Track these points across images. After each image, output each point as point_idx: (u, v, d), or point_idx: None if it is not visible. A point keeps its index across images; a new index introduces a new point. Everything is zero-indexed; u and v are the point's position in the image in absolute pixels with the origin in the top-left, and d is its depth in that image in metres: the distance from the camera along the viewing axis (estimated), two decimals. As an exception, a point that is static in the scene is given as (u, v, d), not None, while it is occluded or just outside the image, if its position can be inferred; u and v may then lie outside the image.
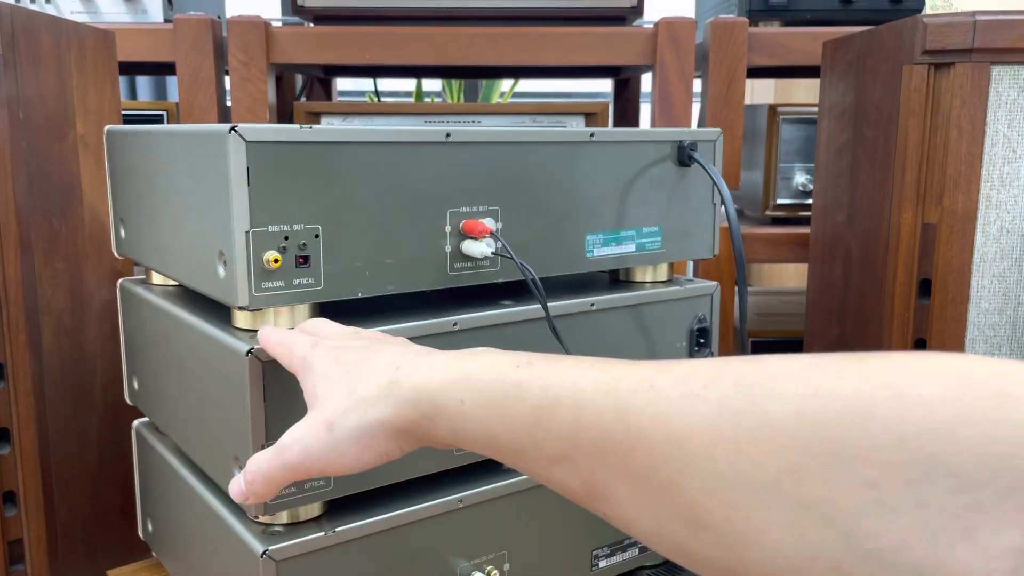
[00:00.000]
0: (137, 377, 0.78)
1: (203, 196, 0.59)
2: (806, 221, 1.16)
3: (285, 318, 0.59)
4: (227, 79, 1.11)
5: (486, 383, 0.40)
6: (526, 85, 2.27)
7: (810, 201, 1.14)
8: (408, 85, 2.20)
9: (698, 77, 1.14)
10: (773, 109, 1.15)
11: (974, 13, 0.74)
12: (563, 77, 1.98)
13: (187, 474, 0.70)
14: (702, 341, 0.76)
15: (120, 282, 0.79)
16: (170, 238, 0.67)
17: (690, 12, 1.48)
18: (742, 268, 0.68)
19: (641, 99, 1.53)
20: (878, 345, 0.82)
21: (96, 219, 0.85)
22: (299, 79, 1.47)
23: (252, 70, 1.06)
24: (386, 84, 2.26)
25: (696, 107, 1.15)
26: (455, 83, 2.01)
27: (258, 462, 0.47)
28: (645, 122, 1.56)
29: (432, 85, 2.18)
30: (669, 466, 0.31)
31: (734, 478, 0.29)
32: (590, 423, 0.35)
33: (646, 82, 1.49)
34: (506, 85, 2.12)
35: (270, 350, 0.54)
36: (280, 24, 1.10)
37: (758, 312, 1.29)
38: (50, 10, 1.12)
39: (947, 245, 0.76)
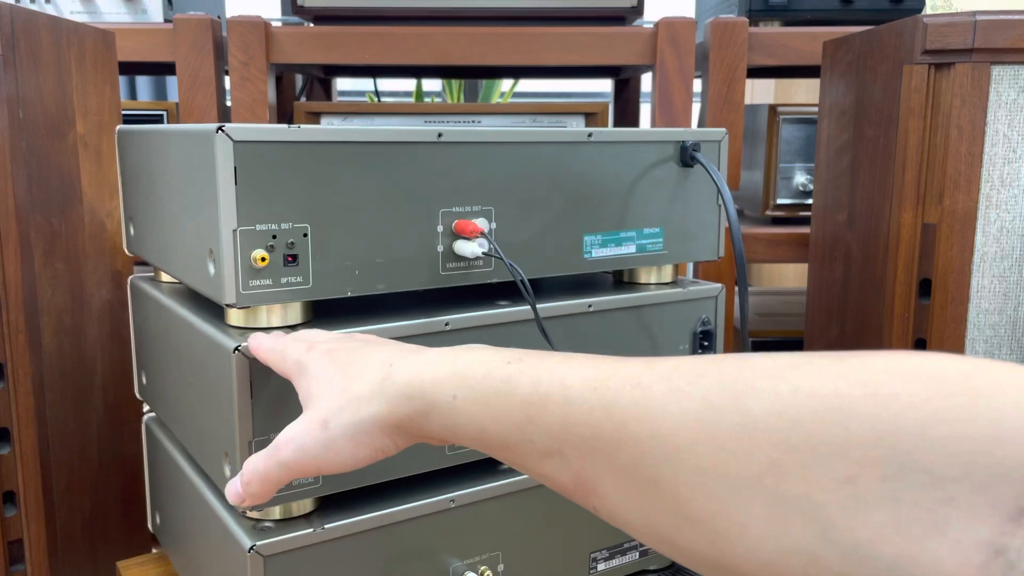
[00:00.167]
0: (145, 372, 0.79)
1: (195, 195, 0.60)
2: (806, 221, 1.16)
3: (277, 316, 0.59)
4: (227, 79, 1.11)
5: (477, 379, 0.40)
6: (526, 85, 2.27)
7: (810, 201, 1.14)
8: (408, 85, 2.20)
9: (698, 77, 1.14)
10: (773, 109, 1.15)
11: (974, 13, 0.74)
12: (563, 77, 1.98)
13: (187, 468, 0.70)
14: (705, 344, 0.76)
15: (130, 279, 0.81)
16: (170, 236, 0.67)
17: (690, 12, 1.48)
18: (742, 269, 0.68)
19: (641, 99, 1.53)
20: (878, 345, 0.82)
21: (96, 219, 0.85)
22: (299, 79, 1.47)
23: (252, 70, 1.06)
24: (386, 84, 2.26)
25: (696, 107, 1.15)
26: (455, 83, 2.01)
27: (254, 463, 0.47)
28: (645, 122, 1.56)
29: (432, 85, 2.18)
30: (654, 460, 0.32)
31: (717, 473, 0.30)
32: (579, 419, 0.35)
33: (646, 82, 1.49)
34: (506, 85, 2.12)
35: (262, 356, 0.54)
36: (280, 24, 1.10)
37: (758, 312, 1.29)
38: (50, 10, 1.12)
39: (947, 245, 0.76)
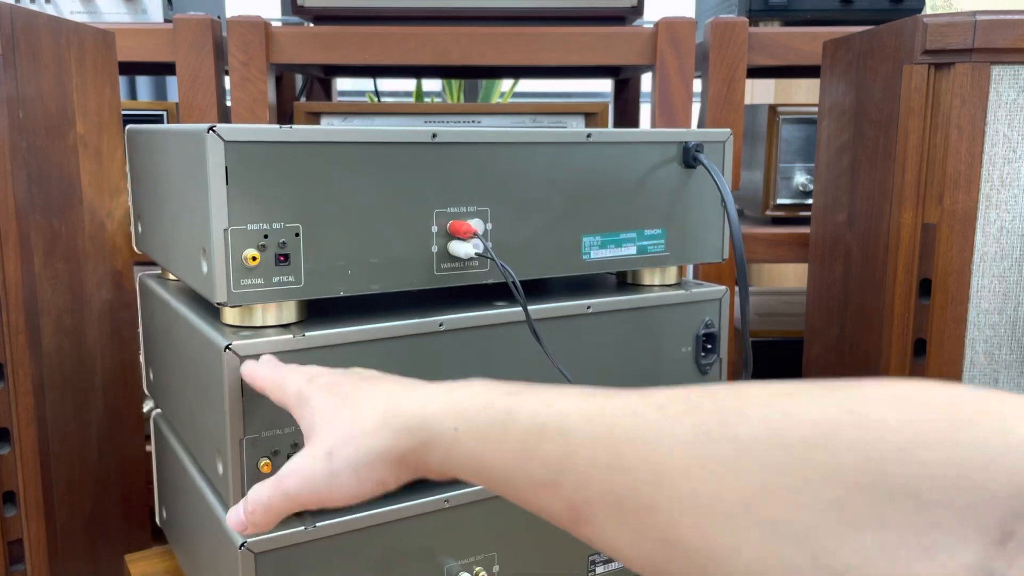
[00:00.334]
0: (152, 369, 0.80)
1: (189, 194, 0.60)
2: (806, 221, 1.16)
3: (272, 315, 0.59)
4: (227, 79, 1.11)
5: (477, 410, 0.41)
6: (526, 85, 2.27)
7: (810, 201, 1.14)
8: (408, 85, 2.20)
9: (698, 77, 1.14)
10: (773, 109, 1.15)
11: (974, 13, 0.74)
12: (563, 77, 1.98)
13: (188, 464, 0.70)
14: (709, 347, 0.75)
15: (139, 276, 0.81)
16: (170, 234, 0.68)
17: (690, 12, 1.48)
18: (743, 270, 0.68)
19: (641, 99, 1.53)
20: (878, 345, 0.82)
21: (96, 219, 0.85)
22: (299, 79, 1.47)
23: (252, 70, 1.06)
24: (386, 84, 2.26)
25: (696, 107, 1.15)
26: (455, 83, 2.01)
27: (258, 492, 0.48)
28: (645, 122, 1.56)
29: (432, 85, 2.18)
30: (648, 487, 0.32)
31: (709, 499, 0.30)
32: (575, 449, 0.36)
33: (646, 82, 1.49)
34: (506, 85, 2.12)
35: (258, 385, 0.54)
36: (280, 24, 1.10)
37: (758, 312, 1.29)
38: (50, 10, 1.12)
39: (947, 245, 0.76)
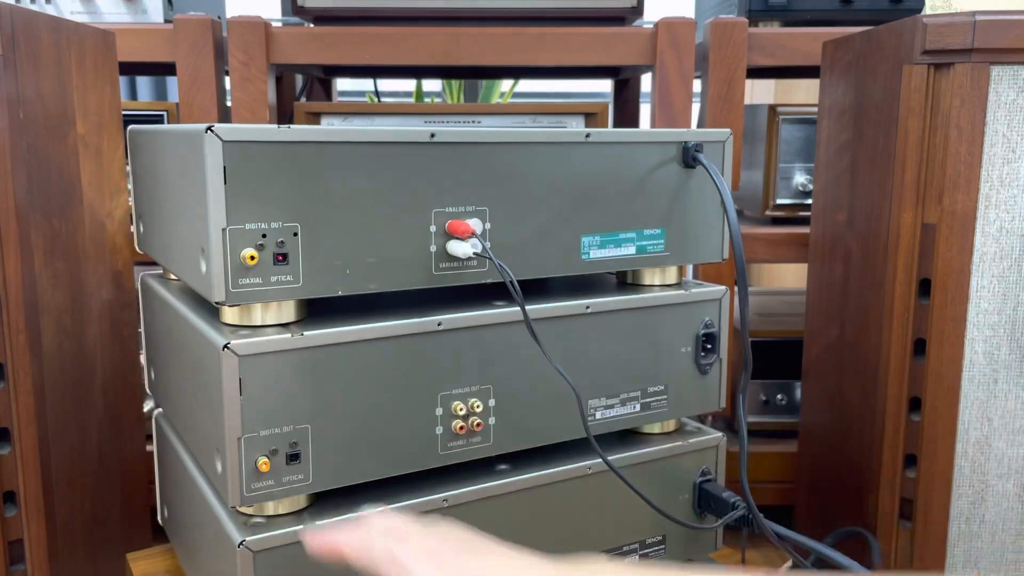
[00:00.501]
0: (153, 368, 0.80)
1: (188, 193, 0.60)
2: (806, 221, 1.16)
3: (271, 314, 0.59)
4: (227, 79, 1.11)
5: None
6: (526, 85, 2.27)
7: (810, 201, 1.14)
8: (408, 85, 2.20)
9: (698, 77, 1.14)
10: (773, 109, 1.15)
11: (974, 13, 0.74)
12: (563, 77, 1.98)
13: (188, 462, 0.71)
14: (708, 347, 0.75)
15: (140, 276, 0.81)
16: (170, 234, 0.68)
17: (690, 12, 1.48)
18: (742, 270, 0.68)
19: (641, 99, 1.53)
20: (878, 345, 0.82)
21: (96, 219, 0.85)
22: (299, 79, 1.47)
23: (252, 70, 1.06)
24: (386, 84, 2.26)
25: (696, 107, 1.15)
26: (455, 83, 2.01)
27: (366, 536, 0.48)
28: (645, 122, 1.56)
29: (432, 85, 2.18)
30: None
31: None
32: None
33: (646, 82, 1.49)
34: (506, 85, 2.12)
35: (336, 554, 0.50)
36: (280, 24, 1.10)
37: (758, 312, 1.29)
38: (50, 10, 1.12)
39: (947, 245, 0.76)
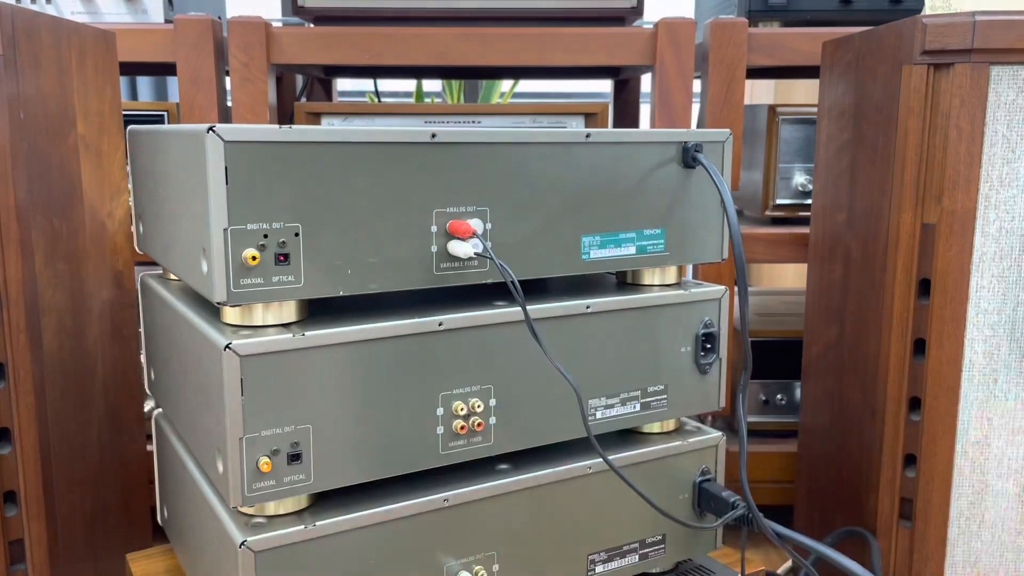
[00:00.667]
0: (153, 368, 0.80)
1: (189, 194, 0.60)
2: (806, 221, 1.16)
3: (272, 314, 0.60)
4: (228, 79, 1.11)
5: None
6: (526, 85, 2.27)
7: (810, 201, 1.14)
8: (408, 86, 2.20)
9: (698, 78, 1.14)
10: (773, 109, 1.15)
11: (973, 13, 0.74)
12: (563, 77, 1.98)
13: (189, 463, 0.71)
14: (708, 346, 0.75)
15: (140, 276, 0.82)
16: (170, 234, 0.68)
17: (690, 12, 1.48)
18: (742, 270, 0.68)
19: (641, 99, 1.53)
20: (878, 345, 0.83)
21: (97, 219, 0.85)
22: (299, 79, 1.47)
23: (252, 70, 1.06)
24: (386, 85, 2.26)
25: (696, 107, 1.15)
26: (455, 83, 2.02)
27: None
28: (645, 122, 1.56)
29: (432, 86, 2.18)
30: None
31: None
32: None
33: (646, 82, 1.49)
34: (506, 85, 2.13)
35: None
36: (280, 24, 1.10)
37: (758, 312, 1.29)
38: (50, 10, 1.13)
39: (946, 245, 0.77)
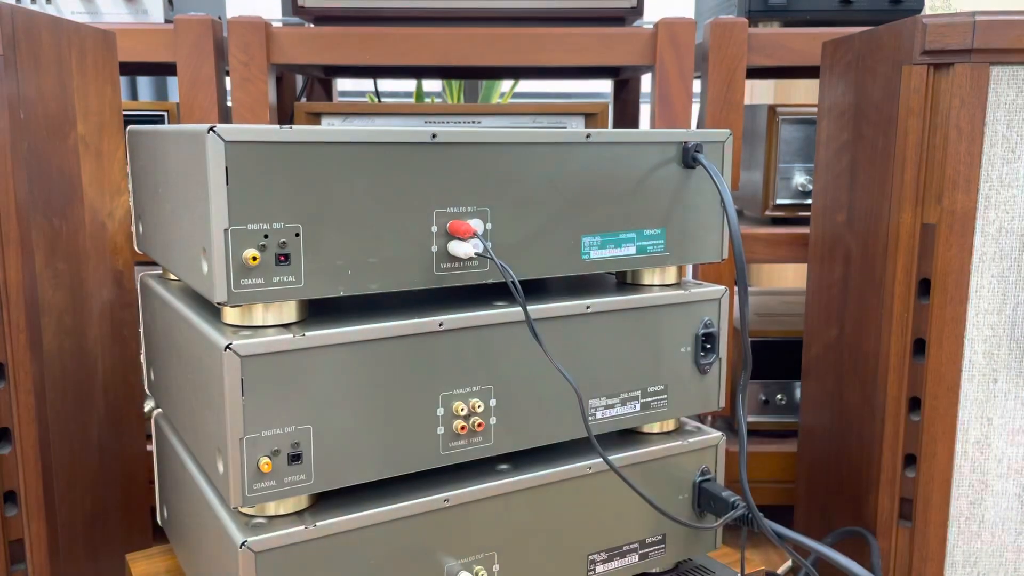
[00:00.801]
0: (153, 368, 0.80)
1: (189, 194, 0.60)
2: (806, 221, 1.16)
3: (272, 315, 0.60)
4: (228, 79, 1.11)
5: None
6: (526, 85, 2.27)
7: (809, 201, 1.14)
8: (408, 86, 2.20)
9: (698, 78, 1.14)
10: (773, 109, 1.15)
11: (973, 13, 0.74)
12: (563, 77, 1.98)
13: (189, 463, 0.71)
14: (708, 346, 0.76)
15: (140, 276, 0.82)
16: (171, 234, 0.68)
17: (690, 12, 1.48)
18: (742, 270, 0.68)
19: (641, 99, 1.53)
20: (877, 345, 0.83)
21: (97, 219, 0.85)
22: (299, 79, 1.47)
23: (252, 70, 1.06)
24: (386, 84, 2.26)
25: (696, 107, 1.15)
26: (455, 83, 2.02)
27: None
28: (645, 122, 1.56)
29: (432, 86, 2.18)
30: None
31: None
32: None
33: (646, 82, 1.49)
34: (506, 86, 2.13)
35: None
36: (280, 25, 1.10)
37: (758, 312, 1.29)
38: (50, 10, 1.13)
39: (946, 245, 0.77)
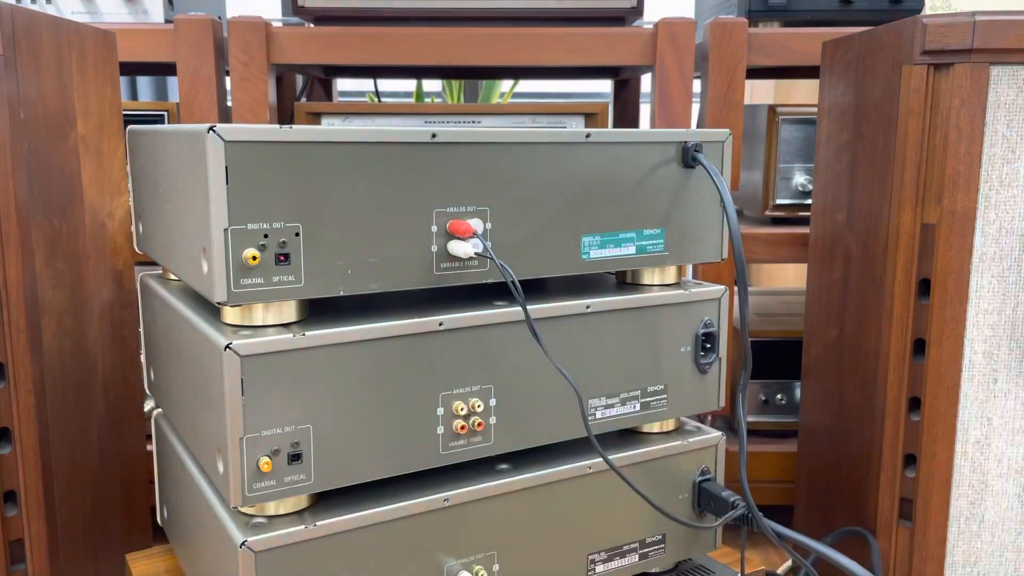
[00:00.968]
0: (153, 368, 0.80)
1: (189, 194, 0.60)
2: (806, 221, 1.16)
3: (272, 314, 0.60)
4: (228, 79, 1.11)
5: None
6: (526, 85, 2.27)
7: (809, 201, 1.14)
8: (408, 85, 2.20)
9: (698, 77, 1.14)
10: (773, 109, 1.15)
11: (973, 13, 0.74)
12: (563, 77, 1.98)
13: (189, 463, 0.71)
14: (708, 346, 0.76)
15: (140, 276, 0.82)
16: (171, 234, 0.68)
17: (690, 12, 1.48)
18: (742, 270, 0.68)
19: (641, 99, 1.53)
20: (877, 345, 0.83)
21: (97, 219, 0.85)
22: (299, 79, 1.47)
23: (252, 70, 1.06)
24: (386, 84, 2.26)
25: (696, 107, 1.15)
26: (455, 83, 2.02)
27: None
28: (645, 122, 1.56)
29: (432, 86, 2.18)
30: None
31: None
32: None
33: (646, 82, 1.49)
34: (506, 85, 2.13)
35: None
36: (280, 25, 1.10)
37: (758, 312, 1.29)
38: (51, 10, 1.13)
39: (946, 245, 0.77)
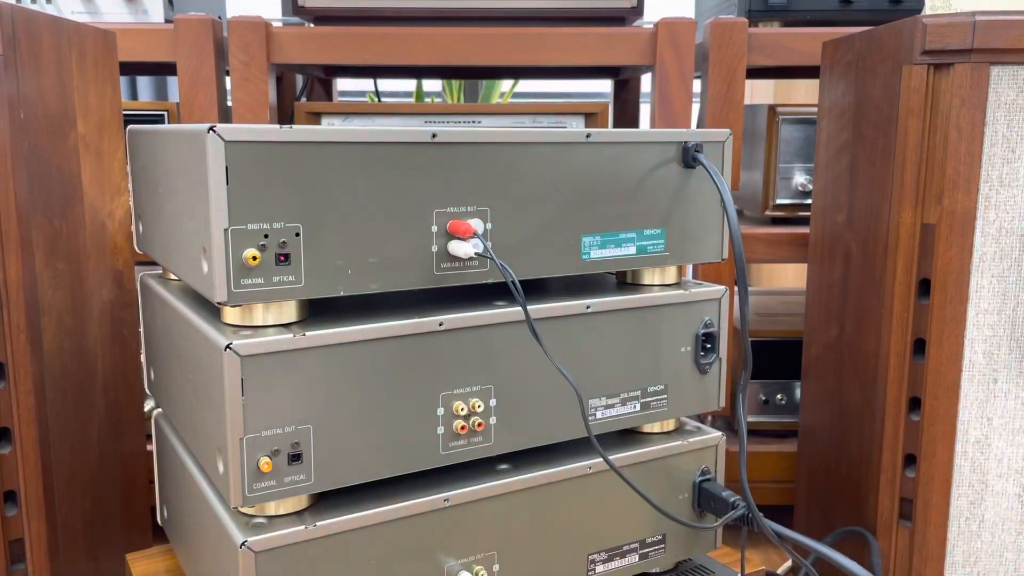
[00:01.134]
0: (153, 368, 0.80)
1: (189, 194, 0.60)
2: (806, 221, 1.16)
3: (272, 314, 0.60)
4: (228, 79, 1.11)
5: None
6: (526, 85, 2.27)
7: (809, 201, 1.14)
8: (408, 85, 2.21)
9: (698, 77, 1.14)
10: (773, 109, 1.15)
11: (973, 13, 0.74)
12: (563, 77, 1.98)
13: (189, 463, 0.71)
14: (708, 346, 0.76)
15: (140, 276, 0.82)
16: (171, 234, 0.68)
17: (690, 12, 1.48)
18: (742, 270, 0.68)
19: (641, 99, 1.53)
20: (877, 345, 0.83)
21: (97, 219, 0.85)
22: (299, 79, 1.47)
23: (252, 70, 1.06)
24: (386, 84, 2.26)
25: (696, 107, 1.15)
26: (455, 83, 2.02)
27: None
28: (645, 122, 1.56)
29: (432, 85, 2.18)
30: None
31: None
32: None
33: (646, 82, 1.49)
34: (506, 85, 2.13)
35: None
36: (280, 24, 1.10)
37: (758, 312, 1.29)
38: (51, 10, 1.13)
39: (946, 245, 0.77)
